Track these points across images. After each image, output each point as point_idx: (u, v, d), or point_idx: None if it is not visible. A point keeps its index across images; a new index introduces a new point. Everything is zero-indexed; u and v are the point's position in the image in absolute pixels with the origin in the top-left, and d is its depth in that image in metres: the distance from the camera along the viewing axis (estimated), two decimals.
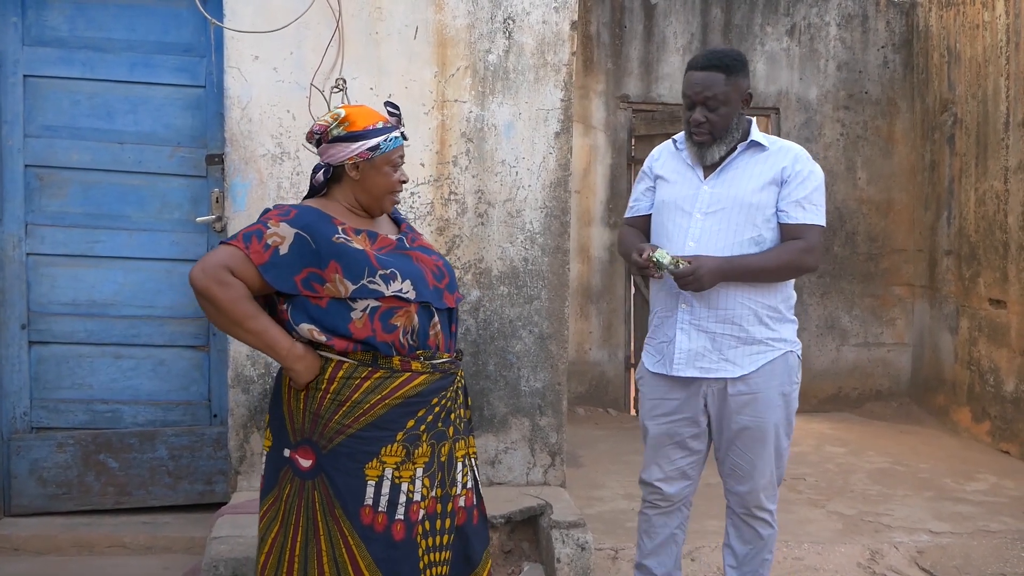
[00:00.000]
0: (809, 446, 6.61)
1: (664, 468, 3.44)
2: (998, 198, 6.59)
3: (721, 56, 3.26)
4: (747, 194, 3.25)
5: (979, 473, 5.93)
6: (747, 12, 7.58)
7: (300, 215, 2.66)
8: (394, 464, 2.63)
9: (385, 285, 2.63)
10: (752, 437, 3.32)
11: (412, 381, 2.68)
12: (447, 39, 4.32)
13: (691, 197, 3.32)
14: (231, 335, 2.70)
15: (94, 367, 4.49)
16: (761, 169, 3.28)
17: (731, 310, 3.26)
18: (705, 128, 3.25)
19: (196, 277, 2.57)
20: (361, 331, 2.62)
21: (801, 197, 3.25)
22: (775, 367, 3.30)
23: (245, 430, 4.32)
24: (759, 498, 3.38)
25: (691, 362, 3.31)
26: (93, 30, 4.40)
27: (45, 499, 4.47)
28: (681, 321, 3.32)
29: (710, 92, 3.21)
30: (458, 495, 2.80)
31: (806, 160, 3.31)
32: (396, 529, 2.63)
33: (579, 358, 7.29)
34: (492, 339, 4.41)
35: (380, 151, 2.74)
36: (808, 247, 3.24)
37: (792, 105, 7.63)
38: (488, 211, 4.38)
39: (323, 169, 2.78)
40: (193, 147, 4.47)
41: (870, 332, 7.81)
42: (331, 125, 2.72)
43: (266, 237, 2.61)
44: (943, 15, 7.34)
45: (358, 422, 2.62)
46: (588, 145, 7.34)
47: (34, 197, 4.42)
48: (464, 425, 2.87)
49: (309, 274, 2.60)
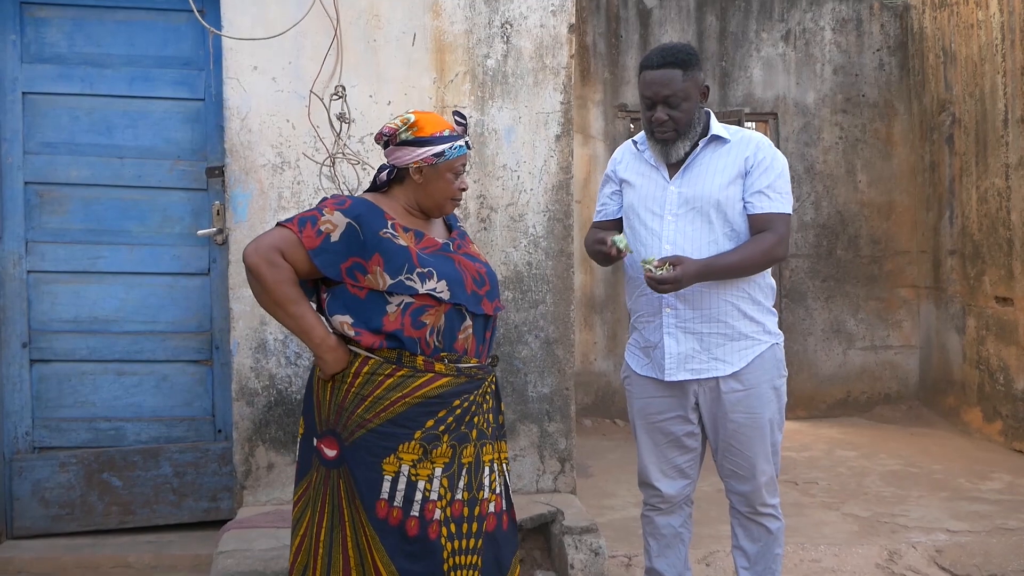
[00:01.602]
0: (820, 451, 6.56)
1: (661, 467, 3.41)
2: (1000, 195, 6.56)
3: (675, 52, 3.23)
4: (716, 190, 3.23)
5: (994, 472, 5.88)
6: (742, 19, 7.58)
7: (353, 206, 2.74)
8: (411, 461, 2.68)
9: (420, 282, 2.70)
10: (749, 434, 3.28)
11: (434, 382, 2.73)
12: (445, 45, 4.30)
13: (659, 198, 3.30)
14: (272, 315, 2.78)
15: (96, 384, 4.44)
16: (725, 163, 3.25)
17: (715, 308, 3.24)
18: (669, 126, 3.22)
19: (248, 254, 2.68)
20: (392, 324, 2.69)
21: (765, 186, 3.22)
22: (764, 361, 3.28)
23: (250, 443, 4.27)
24: (762, 494, 3.34)
25: (682, 365, 3.28)
26: (92, 46, 4.38)
27: (48, 520, 4.41)
28: (667, 325, 3.29)
29: (669, 90, 3.19)
30: (486, 499, 2.81)
31: (768, 148, 3.28)
32: (410, 525, 2.67)
33: (584, 368, 7.23)
34: (498, 345, 4.37)
35: (444, 158, 2.80)
36: (779, 238, 3.21)
37: (790, 110, 7.61)
38: (491, 216, 4.35)
39: (388, 169, 2.85)
40: (193, 160, 4.44)
41: (876, 335, 7.77)
42: (400, 129, 2.79)
43: (320, 223, 2.69)
44: (937, 16, 7.34)
45: (378, 417, 2.68)
46: (587, 155, 7.32)
47: (34, 214, 4.39)
48: (493, 430, 2.89)
49: (354, 263, 2.69)
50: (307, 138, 4.21)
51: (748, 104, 7.54)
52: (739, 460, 3.31)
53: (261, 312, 4.11)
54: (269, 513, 4.11)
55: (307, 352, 4.22)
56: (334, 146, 4.18)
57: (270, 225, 4.17)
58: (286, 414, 4.27)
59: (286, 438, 4.27)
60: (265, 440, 4.28)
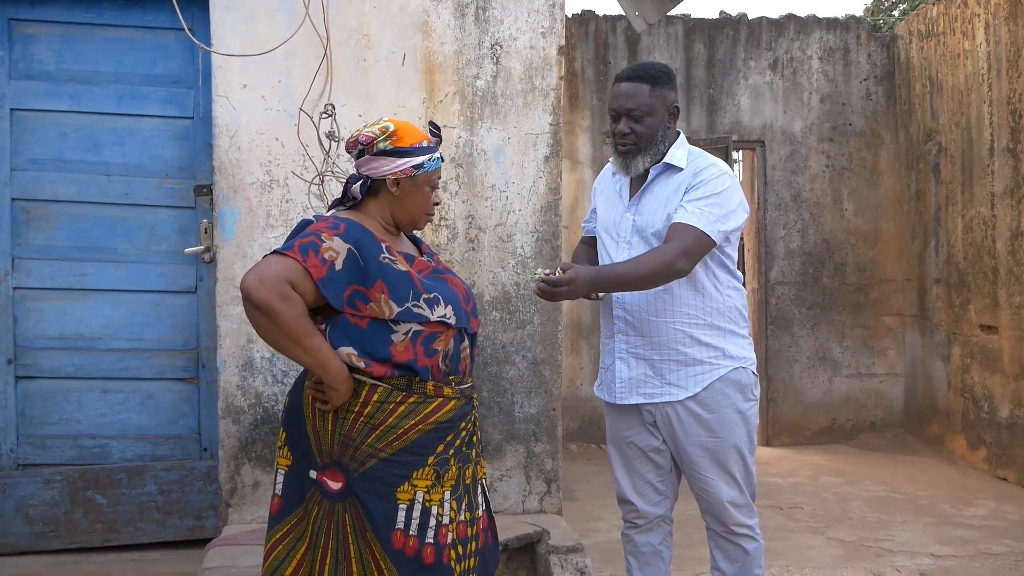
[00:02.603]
0: (805, 477, 6.56)
1: (634, 483, 3.38)
2: (985, 224, 6.61)
3: (647, 68, 3.25)
4: (660, 219, 3.19)
5: (978, 499, 5.89)
6: (730, 47, 7.65)
7: (348, 230, 2.60)
8: (425, 487, 2.59)
9: (430, 310, 2.61)
10: (714, 458, 3.23)
11: (444, 407, 2.66)
12: (435, 65, 4.33)
13: (618, 225, 3.31)
14: (281, 351, 2.59)
15: (82, 402, 4.42)
16: (672, 191, 3.21)
17: (663, 335, 3.20)
18: (630, 139, 3.21)
19: (254, 288, 2.45)
20: (403, 354, 2.58)
21: (688, 200, 3.14)
22: (726, 384, 3.21)
23: (236, 461, 4.25)
24: (733, 515, 3.28)
25: (633, 389, 3.26)
26: (80, 63, 4.39)
27: (32, 537, 4.37)
28: (619, 350, 3.28)
29: (633, 103, 3.18)
30: (479, 517, 2.78)
31: (710, 169, 3.20)
32: (426, 552, 2.58)
33: (571, 394, 7.23)
34: (485, 365, 4.37)
35: (423, 170, 2.70)
36: (680, 249, 3.06)
37: (777, 138, 7.68)
38: (479, 236, 4.37)
39: (360, 181, 2.70)
40: (181, 178, 4.44)
41: (862, 363, 7.80)
42: (378, 138, 2.65)
43: (323, 251, 2.53)
44: (924, 46, 7.42)
45: (391, 446, 2.58)
46: (575, 180, 7.36)
47: (21, 231, 4.37)
48: (479, 448, 2.86)
49: (354, 291, 2.56)
50: (296, 156, 4.22)
51: (735, 132, 7.60)
52: (703, 484, 3.27)
53: (248, 330, 4.10)
54: (255, 531, 4.08)
55: (295, 370, 4.21)
56: (323, 165, 4.19)
57: (258, 243, 4.19)
58: (272, 432, 4.25)
59: (272, 456, 4.25)
60: (251, 458, 4.26)
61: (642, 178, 3.29)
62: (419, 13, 4.31)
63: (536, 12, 4.37)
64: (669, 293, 3.19)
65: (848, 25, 7.83)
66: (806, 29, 7.75)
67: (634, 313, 3.24)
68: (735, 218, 3.18)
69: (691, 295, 3.20)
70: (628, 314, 3.25)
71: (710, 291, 3.22)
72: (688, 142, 3.34)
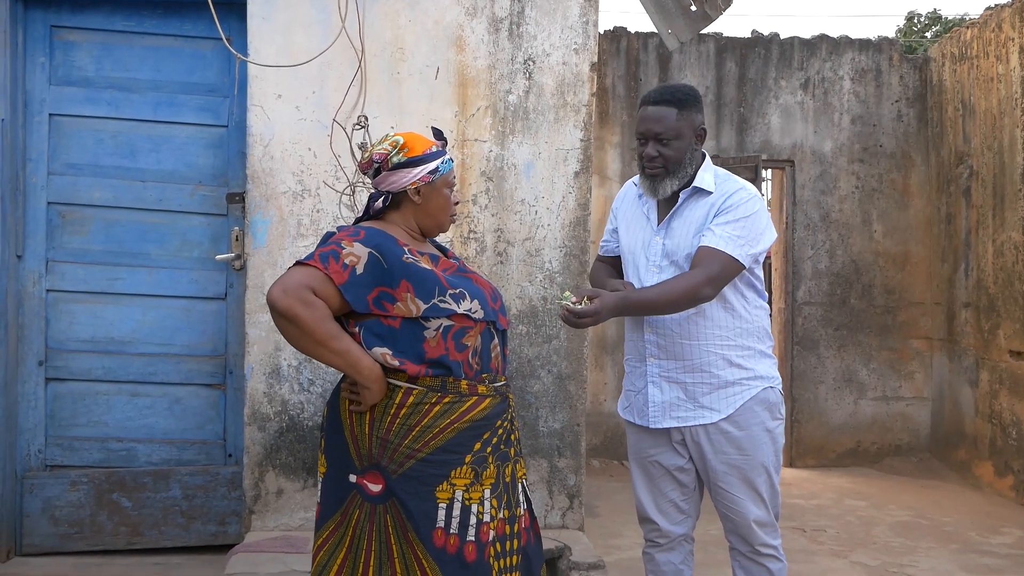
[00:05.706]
0: (828, 499, 6.52)
1: (657, 502, 3.37)
2: (1016, 249, 6.56)
3: (673, 91, 3.25)
4: (689, 244, 3.19)
5: (1004, 527, 5.83)
6: (761, 66, 7.65)
7: (369, 235, 2.68)
8: (463, 486, 2.64)
9: (456, 303, 2.67)
10: (742, 476, 3.23)
11: (479, 405, 2.70)
12: (468, 79, 4.36)
13: (647, 248, 3.30)
14: (312, 355, 2.67)
15: (110, 405, 4.46)
16: (700, 215, 3.21)
17: (699, 358, 3.20)
18: (658, 163, 3.20)
19: (277, 298, 2.55)
20: (435, 350, 2.65)
21: (716, 223, 3.15)
22: (757, 403, 3.22)
23: (260, 468, 4.27)
24: (759, 535, 3.27)
25: (667, 413, 3.25)
26: (119, 70, 4.45)
27: (57, 539, 4.41)
28: (651, 374, 3.27)
29: (661, 127, 3.18)
30: (521, 516, 2.81)
31: (740, 192, 3.20)
32: (468, 550, 2.63)
33: (594, 409, 7.22)
34: (510, 379, 4.35)
35: (439, 173, 2.78)
36: (706, 276, 3.08)
37: (807, 158, 7.66)
38: (507, 250, 4.38)
39: (381, 196, 2.79)
40: (214, 186, 4.49)
41: (888, 386, 7.74)
42: (391, 153, 2.74)
43: (343, 257, 2.61)
44: (957, 69, 7.39)
45: (428, 446, 2.63)
46: (604, 196, 7.35)
47: (56, 234, 4.44)
48: (520, 447, 2.89)
49: (380, 293, 2.63)
50: (328, 167, 4.26)
51: (765, 151, 7.58)
52: (730, 502, 3.26)
53: (277, 338, 4.13)
54: (277, 538, 4.10)
55: (321, 379, 4.24)
56: (355, 175, 4.23)
57: (289, 252, 4.22)
58: (297, 440, 4.28)
59: (296, 464, 4.28)
60: (276, 466, 4.28)
61: (670, 201, 3.29)
62: (453, 28, 4.34)
63: (570, 28, 4.39)
64: (702, 315, 3.19)
65: (881, 47, 7.81)
66: (838, 50, 7.73)
67: (667, 336, 3.23)
68: (764, 240, 3.20)
69: (723, 316, 3.21)
70: (660, 338, 3.24)
71: (740, 311, 3.23)
72: (718, 161, 3.32)
